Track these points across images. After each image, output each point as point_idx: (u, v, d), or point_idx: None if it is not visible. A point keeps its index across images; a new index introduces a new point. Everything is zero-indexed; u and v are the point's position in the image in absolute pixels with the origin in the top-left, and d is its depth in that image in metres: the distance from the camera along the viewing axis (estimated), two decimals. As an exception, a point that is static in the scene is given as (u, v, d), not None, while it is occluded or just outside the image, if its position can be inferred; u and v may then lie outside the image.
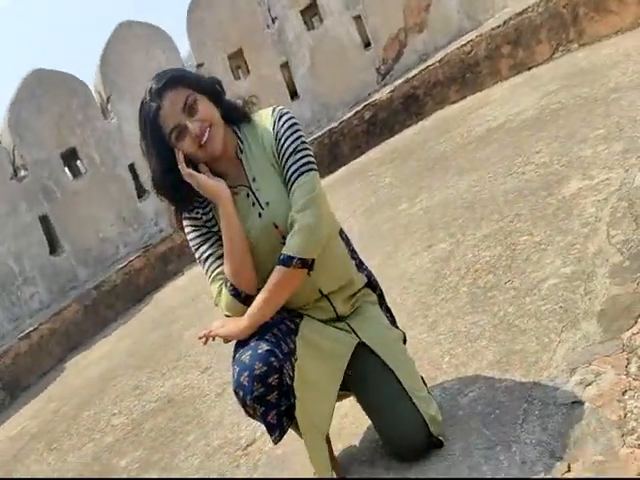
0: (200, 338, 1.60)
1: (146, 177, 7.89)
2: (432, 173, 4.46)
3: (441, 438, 1.64)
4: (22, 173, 7.34)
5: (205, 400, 2.95)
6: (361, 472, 1.74)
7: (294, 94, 9.08)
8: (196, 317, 4.45)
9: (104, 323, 6.73)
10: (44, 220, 7.60)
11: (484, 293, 2.35)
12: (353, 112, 8.51)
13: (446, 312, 2.38)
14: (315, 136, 8.41)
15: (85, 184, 7.73)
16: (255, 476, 2.06)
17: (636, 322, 1.68)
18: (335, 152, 8.35)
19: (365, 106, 8.41)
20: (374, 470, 1.72)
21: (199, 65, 8.18)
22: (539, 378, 1.70)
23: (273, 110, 1.58)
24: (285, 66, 8.95)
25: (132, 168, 7.98)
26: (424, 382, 1.78)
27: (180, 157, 1.50)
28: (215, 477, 2.18)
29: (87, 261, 8.11)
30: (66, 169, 7.83)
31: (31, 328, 7.22)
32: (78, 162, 8.02)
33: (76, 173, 8.00)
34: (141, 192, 8.41)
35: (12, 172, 7.27)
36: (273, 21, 8.75)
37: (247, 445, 2.28)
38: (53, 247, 7.90)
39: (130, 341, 5.15)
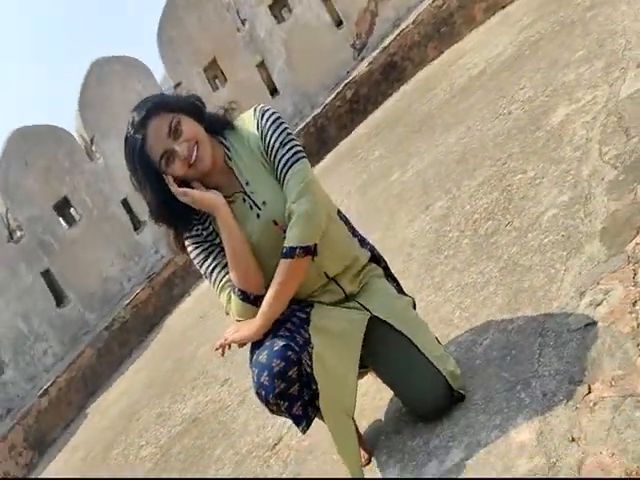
0: (217, 349, 1.65)
1: (140, 209, 8.04)
2: (420, 135, 4.48)
3: (462, 391, 1.68)
4: (18, 234, 7.51)
5: (228, 411, 3.01)
6: (388, 444, 1.78)
7: (274, 91, 9.16)
8: (207, 334, 4.52)
9: (120, 361, 6.84)
10: (46, 275, 7.76)
11: (486, 240, 2.38)
12: (334, 94, 8.55)
13: (451, 268, 2.41)
14: (300, 127, 8.47)
15: (81, 230, 7.88)
16: (287, 472, 2.10)
17: (638, 232, 1.70)
18: (322, 137, 8.40)
19: (345, 85, 8.44)
20: (401, 439, 1.75)
21: (176, 85, 8.30)
22: (550, 310, 1.72)
23: (254, 110, 1.64)
24: (261, 65, 9.03)
25: (125, 203, 8.12)
26: (438, 341, 1.82)
27: (170, 180, 1.57)
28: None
29: (94, 305, 8.25)
30: (60, 219, 8.00)
31: (48, 383, 7.37)
32: (71, 210, 8.18)
33: (71, 221, 8.17)
34: (137, 224, 8.55)
35: (8, 235, 7.44)
36: (243, 23, 8.85)
37: (275, 444, 2.33)
38: (59, 299, 8.05)
39: (147, 372, 5.23)
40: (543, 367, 1.55)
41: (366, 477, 1.67)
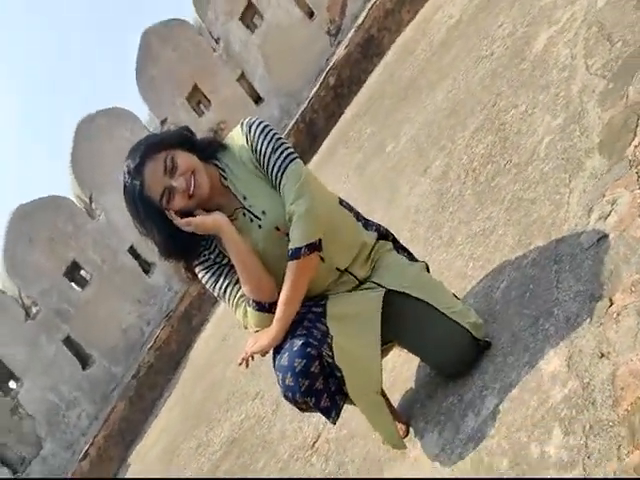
0: (240, 364, 1.72)
1: (147, 252, 8.25)
2: (407, 102, 4.49)
3: (487, 339, 1.71)
4: (33, 310, 7.74)
5: (264, 423, 3.04)
6: (424, 411, 1.79)
7: (258, 99, 9.31)
8: (231, 354, 4.56)
9: (152, 404, 6.93)
10: (67, 341, 7.97)
11: (488, 185, 2.38)
12: (317, 85, 8.61)
13: (457, 222, 2.42)
14: (289, 127, 8.55)
15: (94, 288, 8.11)
16: (329, 466, 2.12)
17: (635, 134, 1.70)
18: (313, 131, 8.45)
19: (327, 73, 8.50)
20: (435, 402, 1.77)
21: (162, 122, 8.52)
22: (561, 235, 1.73)
23: (241, 125, 1.74)
24: (242, 77, 9.21)
25: (132, 250, 8.32)
26: (456, 297, 1.85)
27: (172, 215, 1.67)
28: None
29: (118, 357, 8.41)
30: (72, 284, 8.20)
31: (87, 446, 7.50)
32: (82, 271, 8.38)
33: (83, 283, 8.39)
34: (147, 268, 8.73)
35: (24, 314, 7.69)
36: (217, 42, 9.04)
37: (314, 442, 2.35)
38: (84, 361, 8.23)
39: (180, 408, 5.30)
40: (563, 293, 1.56)
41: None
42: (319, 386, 1.59)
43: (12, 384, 8.01)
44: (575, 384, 1.32)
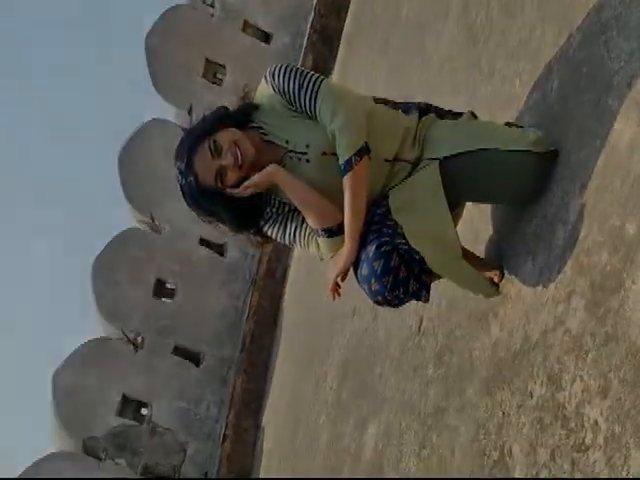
0: (333, 298, 1.85)
1: (216, 237, 8.71)
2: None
3: (552, 148, 1.69)
4: (139, 340, 8.45)
5: (368, 333, 3.14)
6: (512, 245, 1.80)
7: (267, 37, 9.31)
8: (320, 285, 4.68)
9: (265, 366, 7.32)
10: (176, 350, 8.64)
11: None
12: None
13: (494, 47, 2.34)
14: (304, 46, 8.45)
15: (183, 293, 8.75)
16: (439, 342, 2.18)
17: None
18: (327, 35, 8.30)
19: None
20: (521, 231, 1.76)
21: (189, 111, 8.72)
22: (600, 2, 1.63)
23: (265, 78, 1.85)
24: (246, 25, 9.20)
25: (202, 241, 8.81)
26: (512, 124, 1.85)
27: (229, 191, 1.81)
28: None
29: (223, 341, 8.95)
30: (162, 299, 8.78)
31: (222, 430, 8.08)
32: (167, 285, 8.95)
33: (171, 293, 9.06)
34: (221, 251, 9.22)
35: (133, 348, 8.39)
36: (212, 5, 9.05)
37: (419, 326, 2.42)
38: (195, 360, 8.83)
39: (290, 356, 5.56)
40: (616, 61, 1.49)
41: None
42: (402, 275, 1.65)
43: (144, 411, 8.81)
44: (654, 144, 1.27)
